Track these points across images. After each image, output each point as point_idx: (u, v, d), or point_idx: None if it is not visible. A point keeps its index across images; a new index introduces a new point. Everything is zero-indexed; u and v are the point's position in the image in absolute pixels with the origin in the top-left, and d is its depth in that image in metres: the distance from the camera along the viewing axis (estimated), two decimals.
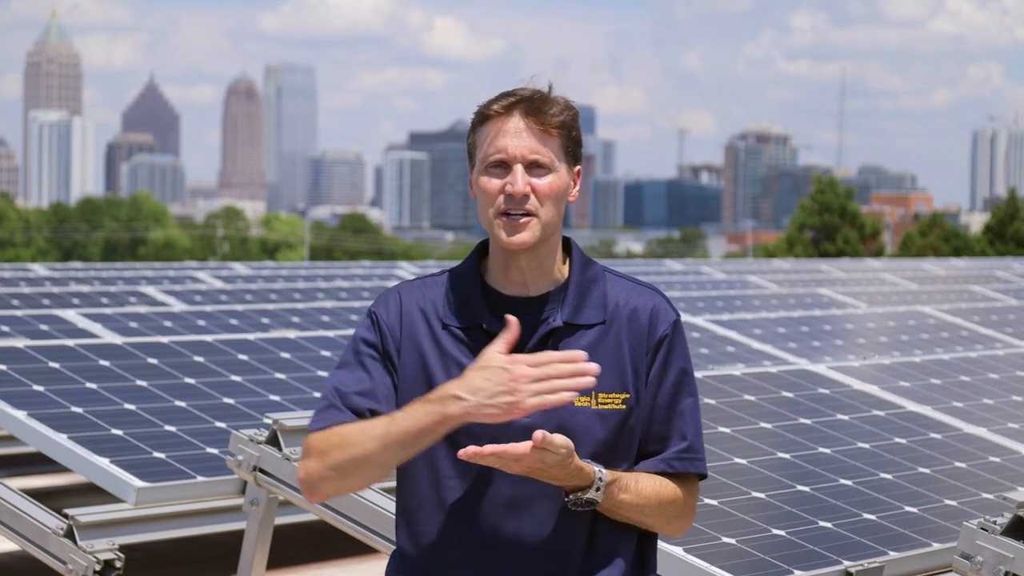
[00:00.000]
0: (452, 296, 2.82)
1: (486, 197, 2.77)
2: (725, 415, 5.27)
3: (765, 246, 64.26)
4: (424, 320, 2.81)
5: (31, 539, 4.64)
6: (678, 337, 2.85)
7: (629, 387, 2.79)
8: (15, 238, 79.54)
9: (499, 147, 2.75)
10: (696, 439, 2.86)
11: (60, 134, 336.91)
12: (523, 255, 2.77)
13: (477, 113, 2.81)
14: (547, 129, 2.76)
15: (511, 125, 2.76)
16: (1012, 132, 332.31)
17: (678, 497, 2.83)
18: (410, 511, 2.81)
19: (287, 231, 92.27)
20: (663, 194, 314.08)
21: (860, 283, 16.67)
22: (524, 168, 2.75)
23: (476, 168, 2.79)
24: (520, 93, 2.78)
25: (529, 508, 2.75)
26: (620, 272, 2.90)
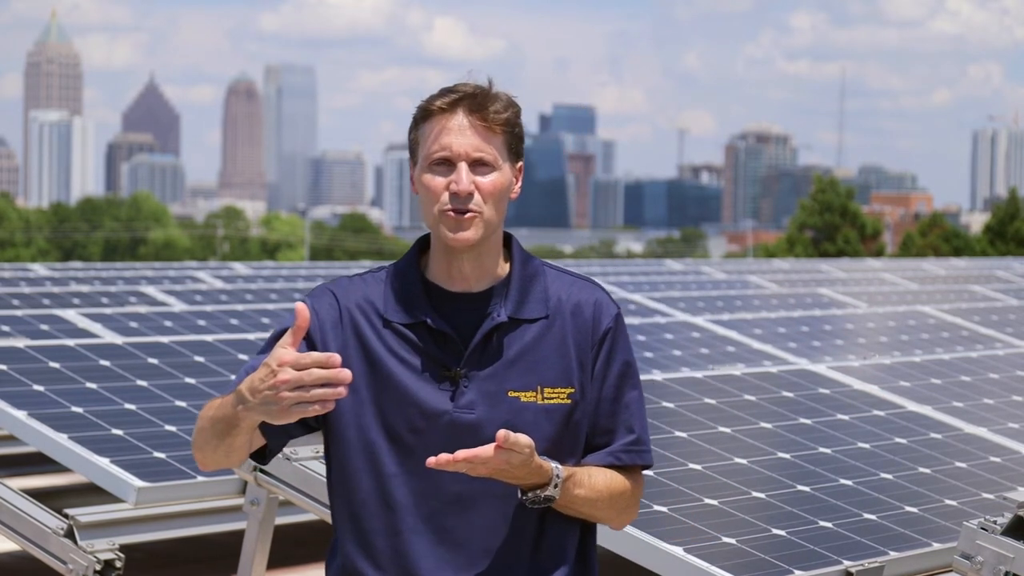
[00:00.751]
0: (393, 293, 2.81)
1: (430, 194, 2.76)
2: (725, 415, 5.28)
3: (765, 246, 64.28)
4: (365, 317, 2.80)
5: (31, 539, 4.64)
6: (621, 330, 2.86)
7: (574, 381, 2.80)
8: (15, 238, 79.54)
9: (443, 144, 2.75)
10: (643, 431, 2.87)
11: (60, 134, 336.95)
12: (466, 252, 2.78)
13: (419, 109, 2.79)
14: (491, 127, 2.76)
15: (455, 122, 2.75)
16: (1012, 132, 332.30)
17: (627, 489, 2.85)
18: (355, 508, 2.79)
19: (287, 231, 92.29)
20: (663, 194, 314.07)
21: (860, 283, 16.67)
22: (468, 166, 2.75)
23: (419, 165, 2.79)
24: (463, 89, 2.77)
25: (476, 505, 2.75)
26: (558, 266, 2.90)
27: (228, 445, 2.69)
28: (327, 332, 2.79)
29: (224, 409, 2.65)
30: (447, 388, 2.76)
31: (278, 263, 20.37)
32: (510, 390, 2.76)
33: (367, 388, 2.76)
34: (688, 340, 8.69)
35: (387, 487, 2.76)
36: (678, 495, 4.44)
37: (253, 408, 2.56)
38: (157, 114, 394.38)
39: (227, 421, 2.64)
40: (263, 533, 4.85)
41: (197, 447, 2.77)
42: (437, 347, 2.77)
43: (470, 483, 2.73)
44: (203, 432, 2.72)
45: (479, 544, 2.76)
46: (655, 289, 14.36)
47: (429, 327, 2.77)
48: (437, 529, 2.75)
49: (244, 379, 2.65)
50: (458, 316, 2.78)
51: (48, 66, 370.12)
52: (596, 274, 16.96)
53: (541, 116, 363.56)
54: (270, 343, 2.79)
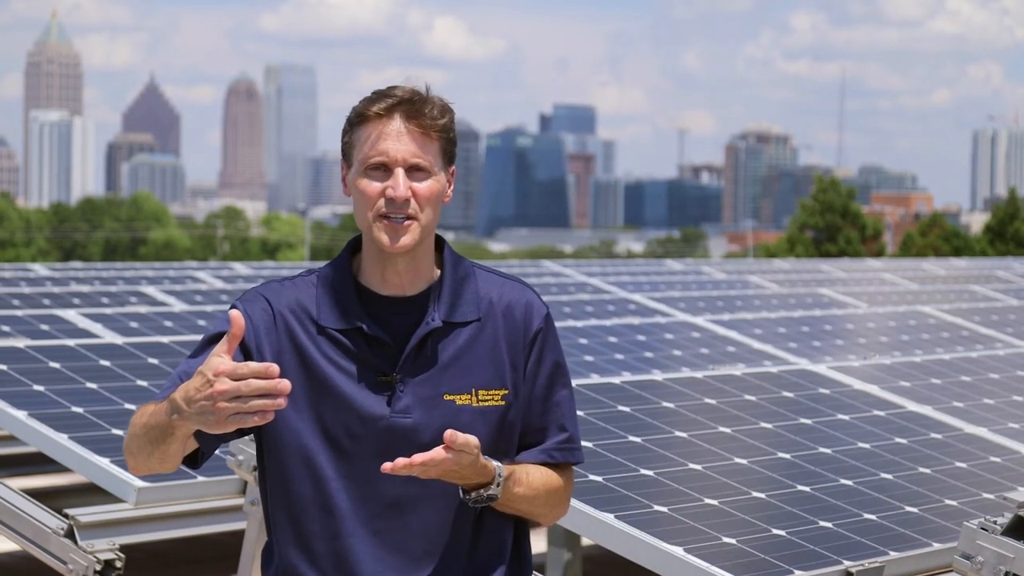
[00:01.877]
0: (326, 298, 2.80)
1: (365, 199, 2.75)
2: (725, 415, 5.28)
3: (766, 246, 64.27)
4: (299, 322, 2.78)
5: (32, 539, 4.64)
6: (551, 331, 2.89)
7: (508, 383, 2.81)
8: (15, 238, 79.54)
9: (380, 150, 2.74)
10: (575, 429, 2.90)
11: (60, 134, 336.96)
12: (400, 257, 2.78)
13: (356, 113, 2.79)
14: (427, 132, 2.76)
15: (392, 128, 2.75)
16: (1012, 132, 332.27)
17: (561, 486, 2.88)
18: (294, 513, 2.79)
19: (287, 231, 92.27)
20: (663, 194, 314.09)
21: (861, 283, 16.67)
22: (404, 171, 2.75)
23: (354, 169, 2.78)
24: (398, 94, 2.76)
25: (414, 508, 2.77)
26: (487, 267, 2.91)
27: (162, 452, 2.67)
28: (261, 338, 2.78)
29: (158, 417, 2.63)
30: (383, 393, 2.76)
31: (278, 263, 20.37)
32: (445, 393, 2.77)
33: (303, 394, 2.75)
34: (688, 340, 8.69)
35: (326, 491, 2.76)
36: (678, 495, 4.44)
37: (189, 417, 2.54)
38: (157, 114, 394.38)
39: (161, 429, 2.62)
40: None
41: (129, 453, 2.74)
42: (372, 352, 2.77)
43: (407, 487, 2.75)
44: (136, 438, 2.70)
45: (418, 546, 2.77)
46: (655, 289, 14.35)
47: (364, 333, 2.76)
48: (376, 532, 2.76)
49: (177, 386, 2.64)
50: (392, 321, 2.78)
51: (48, 66, 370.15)
52: (596, 274, 16.95)
53: (541, 116, 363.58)
54: (202, 347, 2.78)
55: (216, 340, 2.75)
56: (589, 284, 14.08)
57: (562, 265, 18.70)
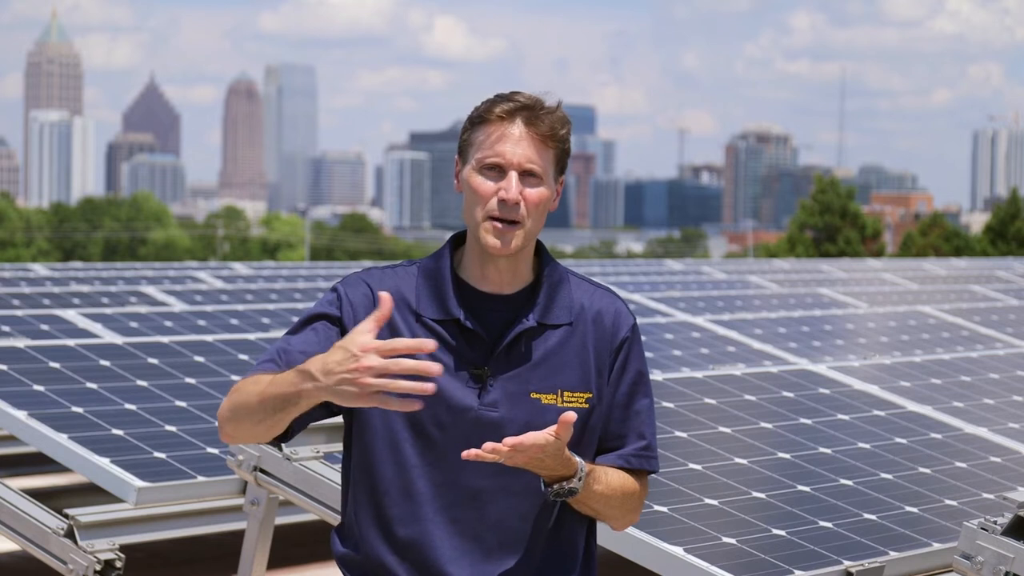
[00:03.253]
0: (426, 288, 2.87)
1: (477, 197, 2.83)
2: (726, 415, 5.27)
3: (766, 246, 64.27)
4: (397, 309, 2.84)
5: (32, 539, 4.64)
6: (637, 340, 2.96)
7: (592, 387, 2.88)
8: (16, 238, 79.54)
9: (498, 151, 2.81)
10: (653, 438, 2.97)
11: (61, 134, 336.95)
12: (503, 258, 2.85)
13: (477, 113, 2.86)
14: (545, 141, 2.84)
15: (512, 131, 2.82)
16: (1013, 132, 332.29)
17: (636, 491, 2.94)
18: (377, 495, 2.86)
19: (288, 231, 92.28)
20: (663, 194, 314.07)
21: (861, 283, 16.66)
22: (518, 175, 2.82)
23: (470, 166, 2.85)
24: (521, 100, 2.84)
25: (493, 500, 2.83)
26: (580, 275, 2.99)
27: (276, 420, 2.73)
28: (360, 320, 2.82)
29: (280, 386, 2.68)
30: (473, 386, 2.83)
31: (278, 263, 20.36)
32: (532, 392, 2.84)
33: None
34: (688, 340, 8.69)
35: (409, 477, 2.83)
36: (678, 495, 4.44)
37: (325, 388, 2.59)
38: (157, 114, 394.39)
39: (283, 398, 2.67)
40: (263, 533, 4.85)
41: (234, 420, 2.79)
42: (466, 345, 2.84)
43: (489, 479, 2.82)
44: (245, 406, 2.75)
45: (494, 538, 2.84)
46: (655, 289, 14.35)
47: (460, 325, 2.84)
48: (454, 520, 2.83)
49: (275, 361, 2.75)
50: (488, 317, 2.86)
51: (48, 66, 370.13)
52: (596, 274, 16.95)
53: None
54: (301, 326, 2.86)
55: (317, 320, 2.85)
56: None
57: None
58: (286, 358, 2.79)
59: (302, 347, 2.81)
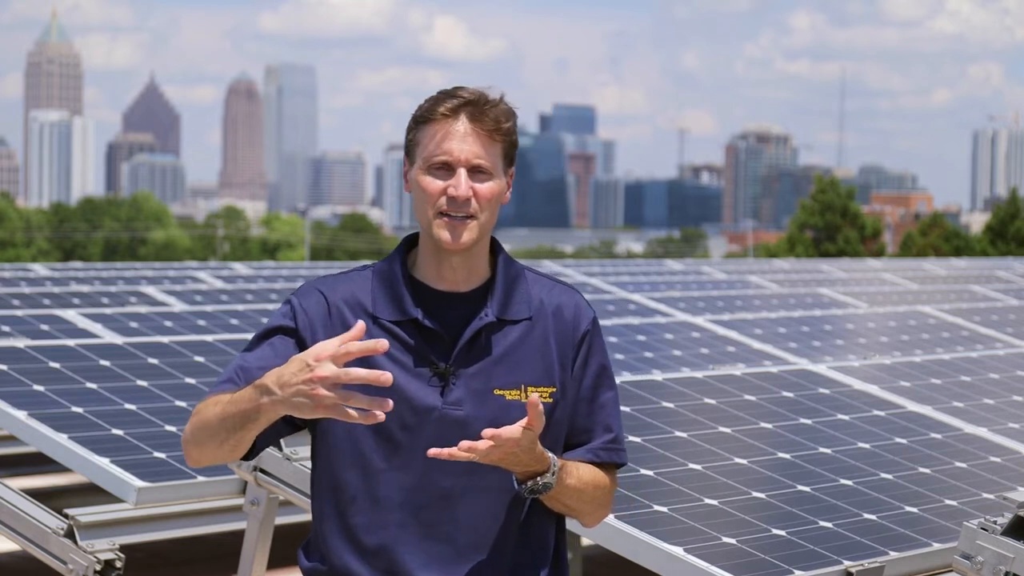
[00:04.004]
0: (381, 291, 2.86)
1: (426, 196, 2.82)
2: (726, 415, 5.27)
3: (766, 246, 64.26)
4: (354, 314, 2.83)
5: (31, 539, 4.64)
6: (598, 333, 2.95)
7: (556, 381, 2.87)
8: (16, 238, 79.53)
9: (445, 149, 2.80)
10: (620, 431, 2.96)
11: (61, 134, 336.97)
12: (457, 254, 2.84)
13: (421, 111, 2.85)
14: (491, 135, 2.83)
15: (457, 128, 2.81)
16: (1013, 132, 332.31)
17: (607, 484, 2.93)
18: (342, 504, 2.84)
19: (287, 231, 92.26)
20: (663, 194, 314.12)
21: (861, 283, 16.66)
22: (467, 172, 2.81)
23: (417, 166, 2.84)
24: (465, 95, 2.83)
25: (463, 500, 2.81)
26: (536, 270, 2.98)
27: (238, 439, 2.71)
28: (317, 330, 2.82)
29: (240, 404, 2.66)
30: (436, 385, 2.81)
31: (278, 263, 20.35)
32: (496, 388, 2.83)
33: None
34: (688, 340, 8.69)
35: (375, 482, 2.81)
36: (678, 495, 4.44)
37: (282, 401, 2.58)
38: (157, 114, 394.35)
39: (243, 415, 2.66)
40: (263, 533, 4.85)
41: (196, 443, 2.78)
42: (426, 344, 2.82)
43: (458, 478, 2.80)
44: (206, 428, 2.74)
45: (465, 538, 2.81)
46: (655, 289, 14.35)
47: (419, 324, 2.82)
48: (424, 524, 2.81)
49: (233, 380, 2.74)
50: (446, 315, 2.84)
51: (48, 66, 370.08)
52: (596, 274, 16.95)
53: (541, 116, 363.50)
54: (257, 341, 2.85)
55: (272, 335, 2.84)
56: (589, 284, 14.08)
57: (562, 265, 18.70)
58: (244, 376, 2.78)
59: (259, 363, 2.79)
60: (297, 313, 2.84)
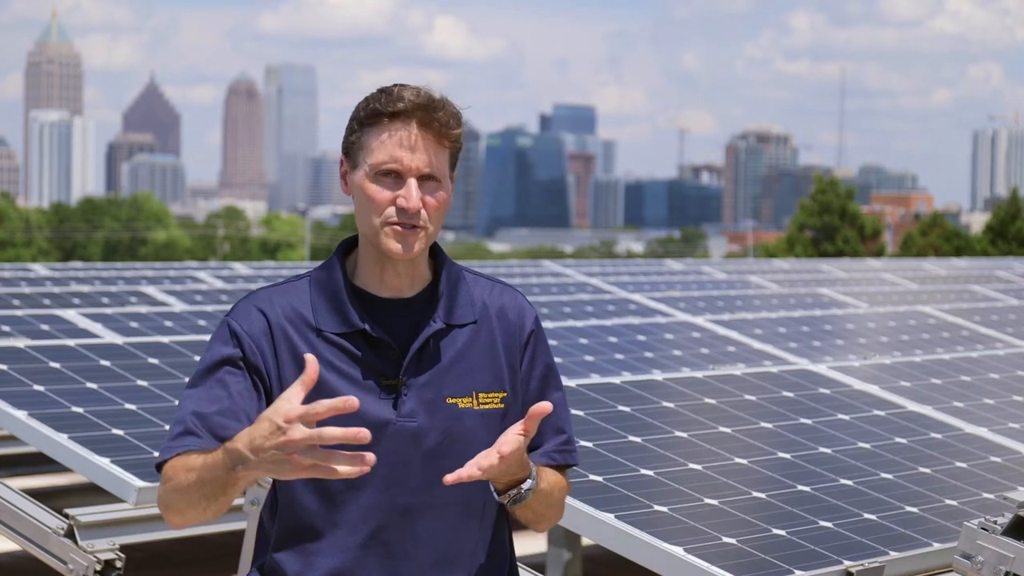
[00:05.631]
0: (322, 301, 2.72)
1: (373, 205, 2.69)
2: (726, 415, 5.27)
3: (766, 246, 64.24)
4: (295, 328, 2.70)
5: (32, 539, 4.64)
6: (542, 333, 2.87)
7: (506, 385, 2.78)
8: (16, 238, 79.52)
9: (395, 157, 2.67)
10: (571, 431, 2.88)
11: (61, 134, 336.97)
12: (403, 261, 2.73)
13: (366, 113, 2.70)
14: (440, 140, 2.71)
15: (407, 135, 2.68)
16: (1013, 132, 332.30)
17: (564, 487, 2.86)
18: (301, 529, 2.72)
19: (288, 231, 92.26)
20: (663, 194, 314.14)
21: (861, 283, 16.66)
22: (416, 181, 2.69)
23: (362, 171, 2.70)
24: (411, 98, 2.69)
25: (422, 516, 2.72)
26: (474, 270, 2.89)
27: (222, 504, 2.57)
28: (265, 352, 2.69)
29: (212, 471, 2.51)
30: (387, 397, 2.70)
31: (279, 263, 20.35)
32: (448, 396, 2.72)
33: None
34: (688, 340, 8.69)
35: (333, 504, 2.70)
36: (678, 495, 4.44)
37: (257, 466, 2.43)
38: (157, 114, 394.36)
39: (219, 483, 2.51)
40: None
41: (176, 511, 2.62)
42: (374, 355, 2.70)
43: (416, 495, 2.70)
44: (186, 497, 2.58)
45: (427, 555, 2.72)
46: (655, 289, 14.35)
47: (366, 335, 2.70)
48: (384, 543, 2.71)
49: (188, 429, 2.59)
50: (391, 323, 2.73)
51: (49, 66, 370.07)
52: (596, 274, 16.95)
53: (541, 116, 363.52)
54: (204, 375, 2.67)
55: (219, 368, 2.67)
56: (589, 284, 14.07)
57: (562, 265, 18.70)
58: (204, 425, 2.62)
59: (214, 407, 2.63)
60: (241, 338, 2.69)
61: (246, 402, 2.66)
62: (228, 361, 2.68)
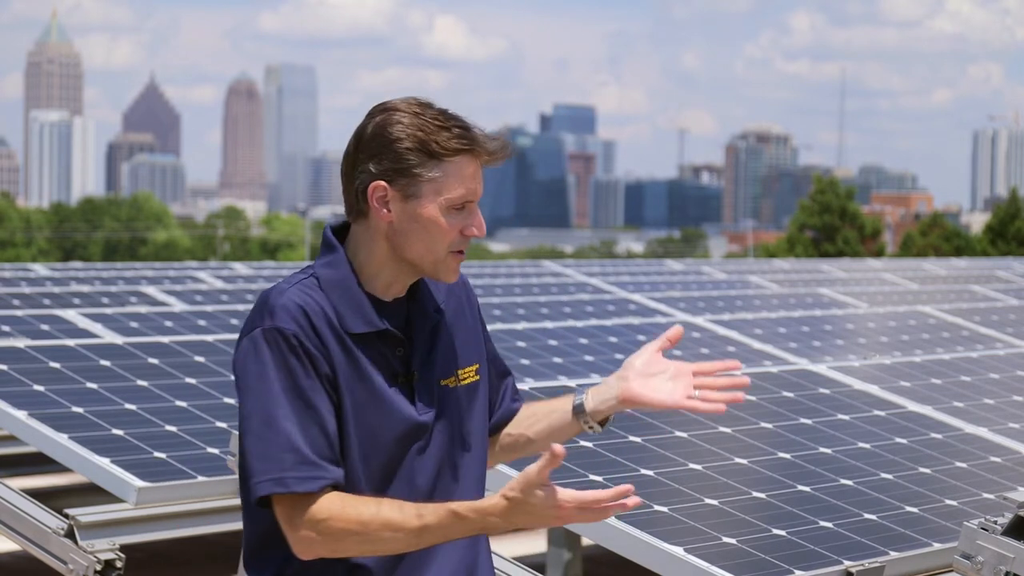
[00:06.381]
0: (342, 302, 2.75)
1: (444, 235, 2.73)
2: (726, 415, 5.27)
3: (766, 246, 64.24)
4: (330, 328, 2.72)
5: (32, 539, 4.64)
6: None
7: (481, 356, 2.91)
8: (16, 238, 79.53)
9: (471, 190, 2.74)
10: (506, 365, 3.05)
11: (61, 134, 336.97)
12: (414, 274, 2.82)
13: (440, 145, 2.72)
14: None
15: (476, 168, 2.76)
16: (1013, 132, 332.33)
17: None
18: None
19: (288, 231, 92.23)
20: (664, 194, 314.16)
21: (861, 283, 16.66)
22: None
23: (431, 202, 2.72)
24: (474, 131, 2.76)
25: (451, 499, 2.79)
26: None
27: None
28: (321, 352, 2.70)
29: (451, 532, 2.62)
30: (404, 392, 2.77)
31: (279, 263, 20.35)
32: (440, 379, 2.82)
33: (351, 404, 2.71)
34: (689, 340, 8.69)
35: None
36: (678, 495, 4.44)
37: (518, 520, 2.59)
38: (158, 114, 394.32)
39: (458, 534, 2.64)
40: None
41: (356, 552, 2.66)
42: (391, 353, 2.77)
43: (443, 480, 2.80)
44: (384, 545, 2.64)
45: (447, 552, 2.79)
46: (655, 289, 14.35)
47: (386, 334, 2.76)
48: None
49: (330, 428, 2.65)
50: (394, 322, 2.79)
51: (49, 66, 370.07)
52: (596, 274, 16.94)
53: (541, 116, 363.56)
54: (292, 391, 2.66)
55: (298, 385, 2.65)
56: (589, 284, 14.08)
57: (562, 265, 18.70)
58: (319, 453, 2.64)
59: (330, 435, 2.67)
60: (304, 344, 2.69)
61: (332, 417, 2.69)
62: (299, 373, 2.68)
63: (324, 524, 2.63)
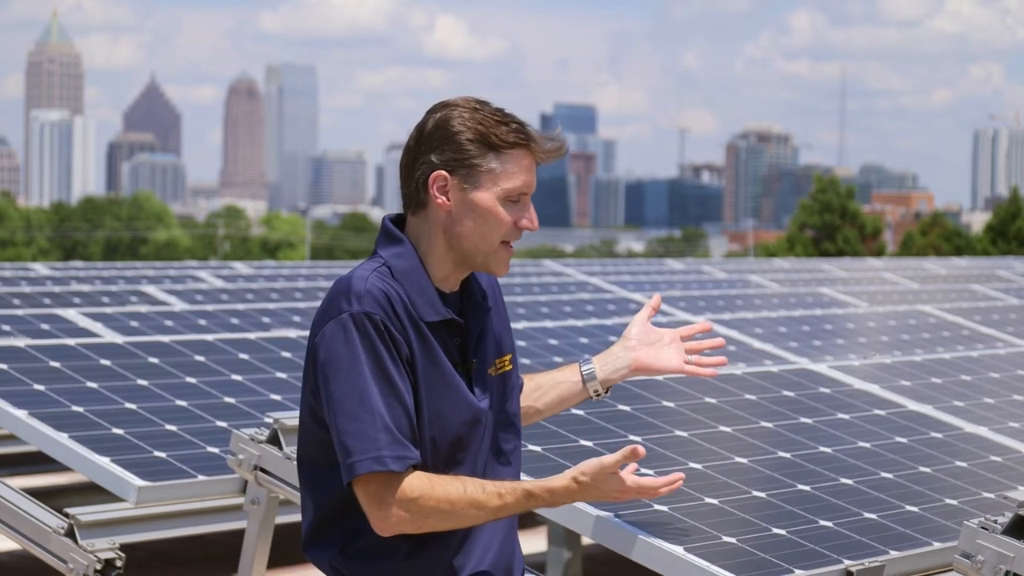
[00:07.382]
0: (417, 292, 2.88)
1: (501, 225, 2.88)
2: (726, 414, 5.27)
3: (766, 245, 64.24)
4: (408, 316, 2.86)
5: (32, 538, 4.64)
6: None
7: (513, 345, 3.06)
8: (16, 237, 79.52)
9: (527, 183, 2.89)
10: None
11: (61, 133, 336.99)
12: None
13: (499, 139, 2.87)
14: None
15: (531, 162, 2.91)
16: (1013, 131, 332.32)
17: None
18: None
19: (288, 230, 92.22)
20: (664, 193, 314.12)
21: (861, 282, 16.66)
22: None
23: (490, 191, 2.87)
24: (531, 130, 2.92)
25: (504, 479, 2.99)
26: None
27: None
28: (404, 336, 2.84)
29: (514, 506, 2.84)
30: (464, 379, 2.93)
31: (279, 262, 20.34)
32: (489, 369, 2.98)
33: (425, 389, 2.86)
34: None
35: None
36: (678, 495, 4.43)
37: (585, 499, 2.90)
38: (158, 113, 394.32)
39: (532, 507, 2.88)
40: (263, 533, 4.85)
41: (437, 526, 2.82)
42: (454, 342, 2.91)
43: (497, 463, 2.97)
44: (463, 519, 2.82)
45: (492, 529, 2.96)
46: (656, 289, 14.35)
47: (453, 324, 2.91)
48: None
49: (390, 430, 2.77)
50: (454, 312, 2.95)
51: (49, 66, 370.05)
52: (597, 273, 16.94)
53: (542, 115, 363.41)
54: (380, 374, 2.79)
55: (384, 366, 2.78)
56: (590, 283, 14.08)
57: (563, 264, 18.70)
58: (403, 433, 2.79)
59: (401, 411, 2.80)
60: (389, 328, 2.81)
61: (411, 398, 2.83)
62: (387, 356, 2.81)
63: (415, 503, 2.76)
